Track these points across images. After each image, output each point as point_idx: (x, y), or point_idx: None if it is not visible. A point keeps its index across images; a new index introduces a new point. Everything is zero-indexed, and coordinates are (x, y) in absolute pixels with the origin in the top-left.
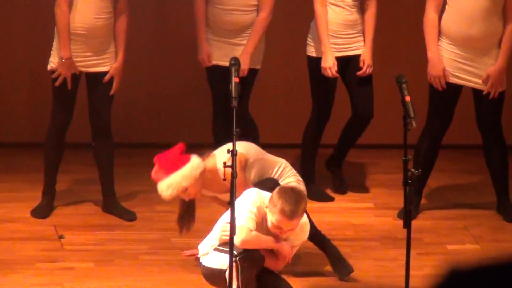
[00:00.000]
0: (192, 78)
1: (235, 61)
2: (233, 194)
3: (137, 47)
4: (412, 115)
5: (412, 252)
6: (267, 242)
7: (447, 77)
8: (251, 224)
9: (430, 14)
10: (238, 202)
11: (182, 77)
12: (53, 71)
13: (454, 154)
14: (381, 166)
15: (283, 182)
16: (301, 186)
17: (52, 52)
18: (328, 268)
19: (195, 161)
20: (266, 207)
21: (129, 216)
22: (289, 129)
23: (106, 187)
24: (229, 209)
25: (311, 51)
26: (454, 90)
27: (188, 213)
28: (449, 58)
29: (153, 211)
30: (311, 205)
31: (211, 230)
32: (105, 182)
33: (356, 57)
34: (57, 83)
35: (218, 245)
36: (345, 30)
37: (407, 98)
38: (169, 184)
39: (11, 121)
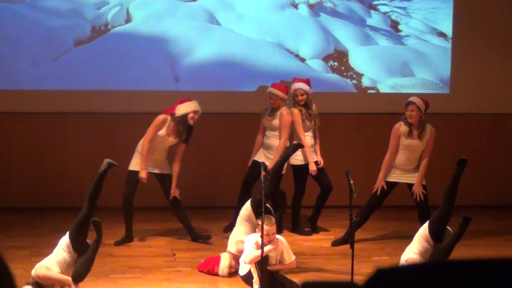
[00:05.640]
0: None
1: (263, 164)
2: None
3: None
4: (353, 190)
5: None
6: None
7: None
8: (249, 252)
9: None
10: (244, 247)
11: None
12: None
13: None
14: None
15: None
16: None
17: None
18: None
19: (222, 255)
20: (258, 231)
21: (206, 239)
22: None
23: (190, 228)
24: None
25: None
26: None
27: None
28: None
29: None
30: (300, 237)
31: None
32: (187, 227)
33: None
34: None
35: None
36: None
37: (352, 181)
38: (221, 270)
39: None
